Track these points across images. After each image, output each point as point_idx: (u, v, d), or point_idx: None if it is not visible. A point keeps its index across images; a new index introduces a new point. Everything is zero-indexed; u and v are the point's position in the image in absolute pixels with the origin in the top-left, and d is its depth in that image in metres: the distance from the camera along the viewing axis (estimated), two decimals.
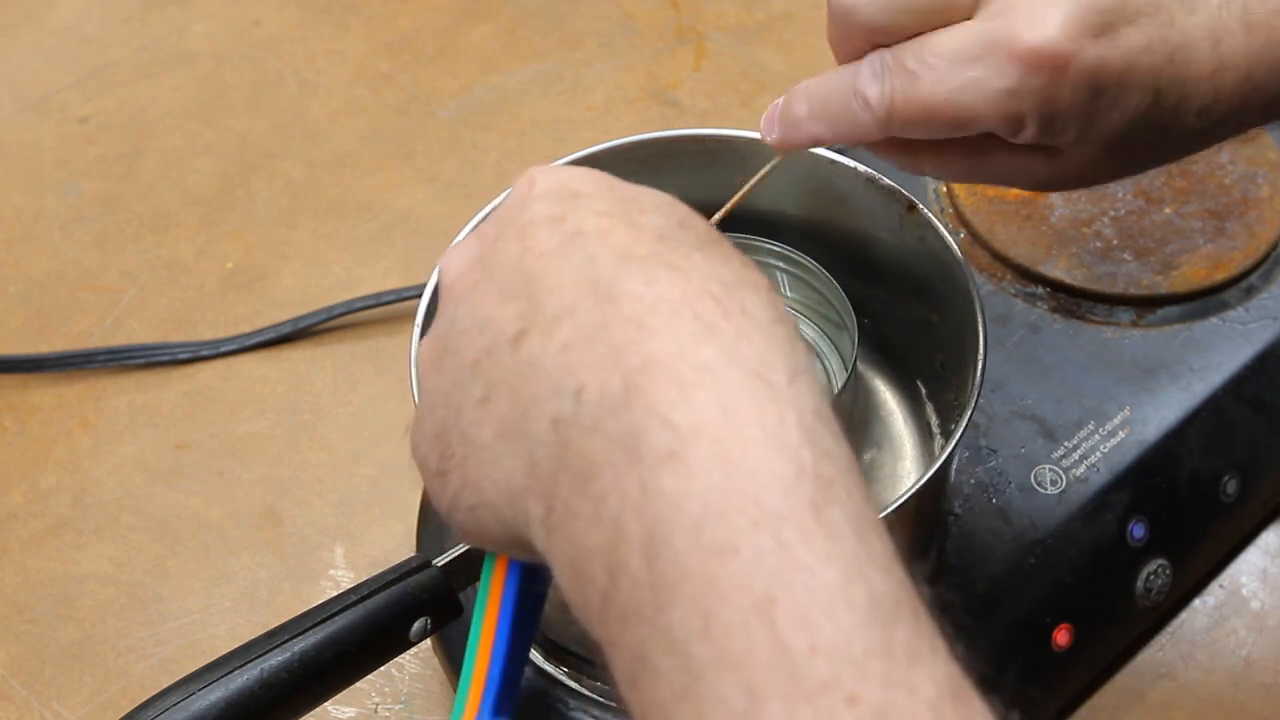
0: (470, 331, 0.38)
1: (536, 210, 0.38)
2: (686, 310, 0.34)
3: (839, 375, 0.67)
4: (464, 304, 0.38)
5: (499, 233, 0.39)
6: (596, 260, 0.36)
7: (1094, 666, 0.68)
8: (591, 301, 0.35)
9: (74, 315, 0.89)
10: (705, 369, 0.33)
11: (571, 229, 0.37)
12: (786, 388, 0.33)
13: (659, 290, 0.35)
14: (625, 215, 0.37)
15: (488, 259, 0.39)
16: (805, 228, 0.66)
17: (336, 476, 0.80)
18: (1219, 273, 0.73)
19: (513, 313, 0.36)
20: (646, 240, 0.36)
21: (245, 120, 1.01)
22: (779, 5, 1.07)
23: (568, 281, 0.36)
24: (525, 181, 0.40)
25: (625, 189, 0.39)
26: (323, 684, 0.48)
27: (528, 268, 0.37)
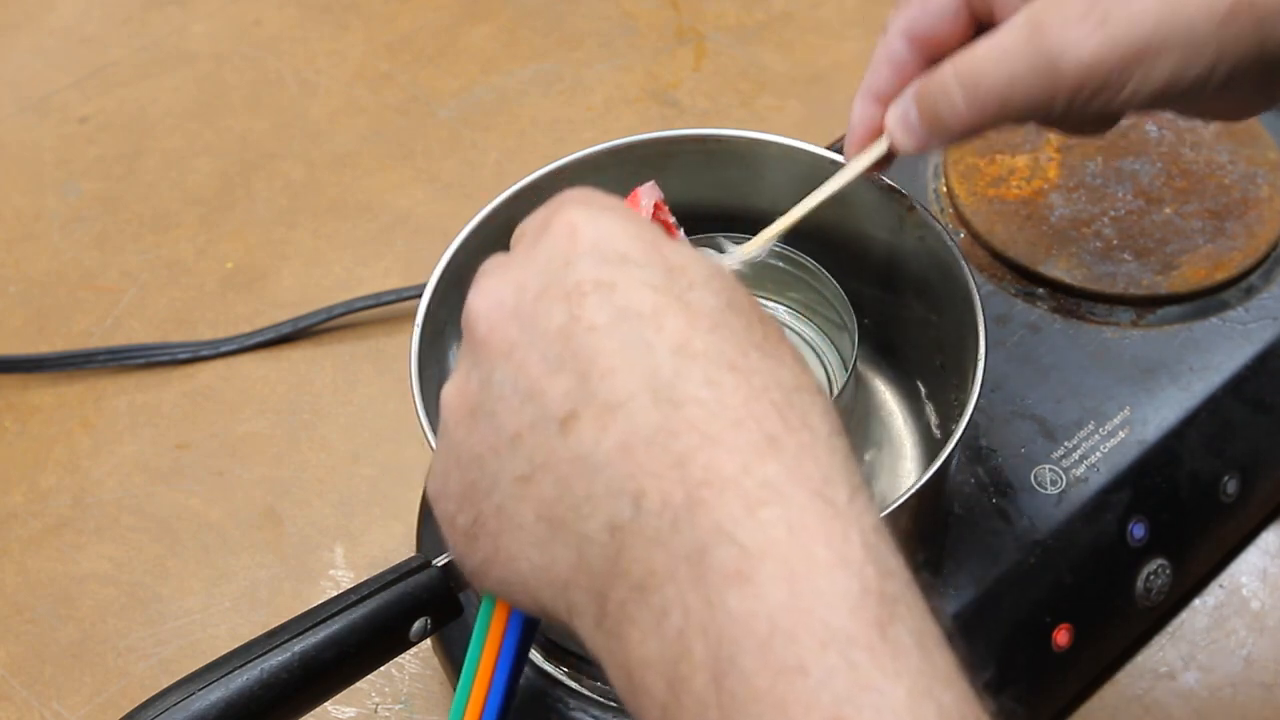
0: (510, 399, 0.36)
1: (584, 272, 0.36)
2: (750, 421, 0.34)
3: (839, 375, 0.67)
4: (502, 365, 0.37)
5: (541, 289, 0.37)
6: (653, 350, 0.35)
7: (1094, 666, 0.68)
8: (649, 399, 0.34)
9: (74, 315, 0.89)
10: (770, 487, 0.33)
11: (622, 304, 0.35)
12: (848, 506, 0.33)
13: (721, 396, 0.34)
14: (677, 293, 0.36)
15: (528, 318, 0.37)
16: (805, 228, 0.66)
17: (336, 476, 0.80)
18: (1219, 273, 0.73)
19: (561, 389, 0.35)
20: (701, 329, 0.35)
21: (245, 120, 1.01)
22: (779, 5, 1.07)
23: (622, 367, 0.35)
24: (565, 228, 0.37)
25: (673, 254, 0.37)
26: (323, 684, 0.48)
27: (576, 341, 0.35)
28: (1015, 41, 0.45)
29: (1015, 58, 0.45)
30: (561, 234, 0.37)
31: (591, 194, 0.40)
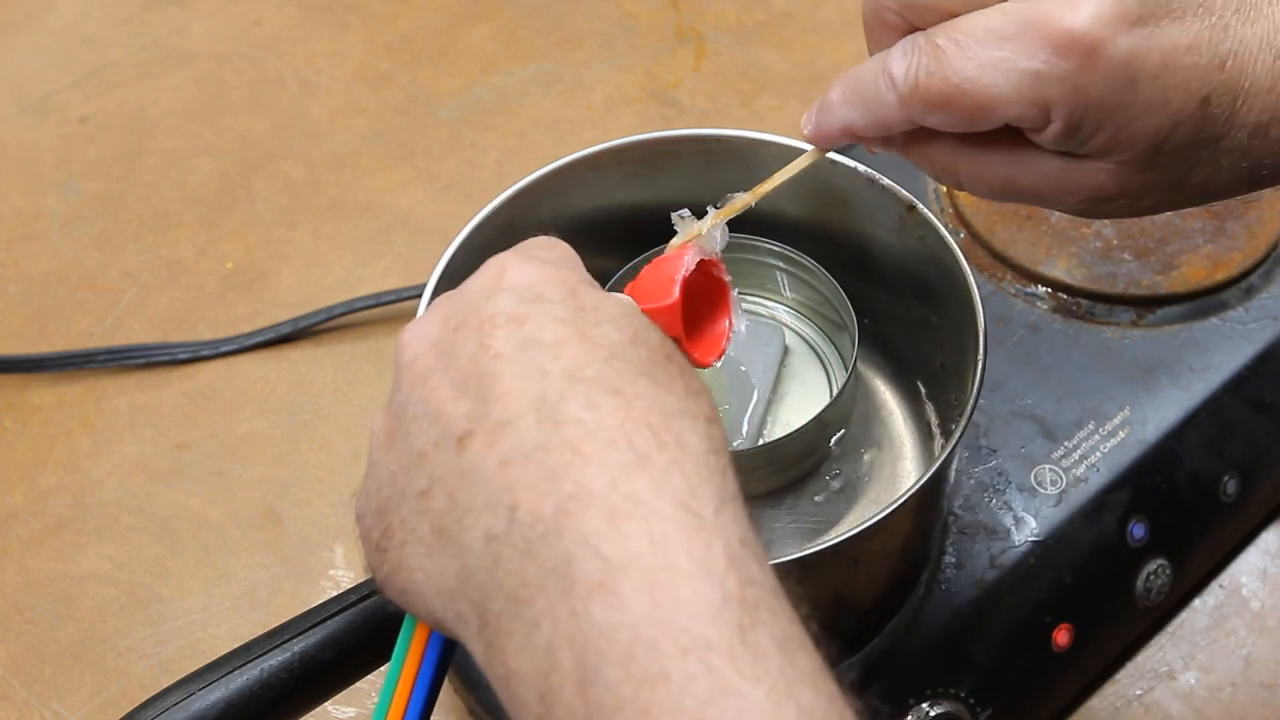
0: (421, 420, 0.39)
1: (500, 306, 0.39)
2: (623, 440, 0.35)
3: (839, 375, 0.67)
4: (418, 389, 0.39)
5: (461, 321, 0.39)
6: (546, 375, 0.37)
7: (1094, 666, 0.68)
8: (535, 419, 0.36)
9: (74, 315, 0.89)
10: (635, 500, 0.34)
11: (528, 335, 0.38)
12: (714, 518, 0.34)
13: (600, 416, 0.36)
14: (581, 326, 0.38)
15: (446, 347, 0.39)
16: (805, 228, 0.66)
17: (336, 476, 0.80)
18: (1219, 273, 0.73)
19: (463, 411, 0.37)
20: (597, 359, 0.37)
21: (245, 120, 1.01)
22: (779, 5, 1.07)
23: (517, 390, 0.37)
24: (495, 269, 0.40)
25: (587, 295, 0.40)
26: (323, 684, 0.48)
27: (482, 367, 0.38)
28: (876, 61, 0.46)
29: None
30: (490, 273, 0.40)
31: (539, 242, 0.43)
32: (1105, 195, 0.46)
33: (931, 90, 0.44)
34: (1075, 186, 0.46)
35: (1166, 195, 0.46)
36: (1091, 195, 0.46)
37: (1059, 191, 0.46)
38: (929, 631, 0.63)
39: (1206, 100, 0.43)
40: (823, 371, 0.68)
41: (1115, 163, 0.44)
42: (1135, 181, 0.45)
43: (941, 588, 0.64)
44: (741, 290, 0.71)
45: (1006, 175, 0.47)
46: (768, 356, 0.67)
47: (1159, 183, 0.45)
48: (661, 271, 0.54)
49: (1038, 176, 0.46)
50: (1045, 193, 0.47)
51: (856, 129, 0.48)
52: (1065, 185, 0.46)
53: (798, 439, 0.61)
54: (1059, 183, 0.46)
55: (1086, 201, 0.46)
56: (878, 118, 0.47)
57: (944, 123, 0.45)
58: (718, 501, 0.35)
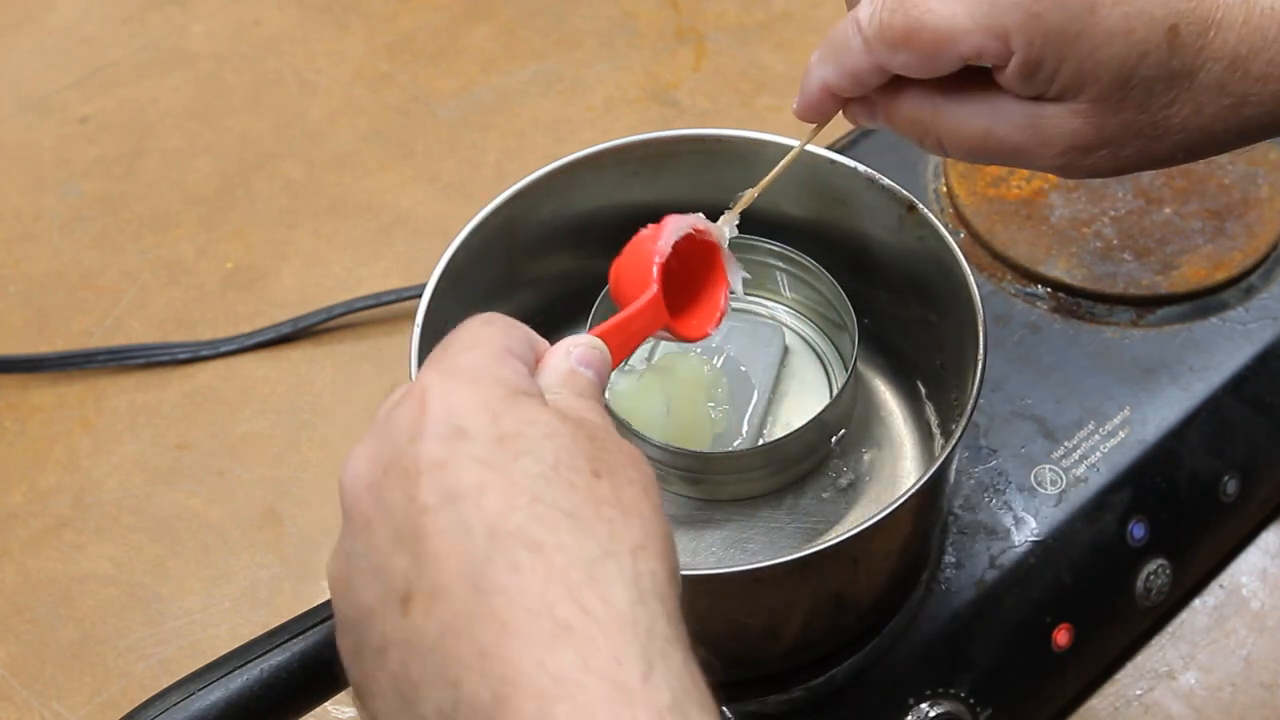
0: (366, 573, 0.39)
1: (422, 450, 0.39)
2: (545, 609, 0.35)
3: (839, 375, 0.67)
4: (361, 538, 0.40)
5: (388, 464, 0.40)
6: (470, 533, 0.37)
7: (1094, 666, 0.68)
8: (465, 587, 0.36)
9: (74, 315, 0.89)
10: (562, 680, 0.34)
11: (450, 484, 0.38)
12: (641, 686, 0.34)
13: (522, 580, 0.36)
14: (501, 465, 0.38)
15: (378, 493, 0.40)
16: (805, 228, 0.66)
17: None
18: (1219, 273, 0.73)
19: (401, 568, 0.38)
20: (519, 505, 0.37)
21: (245, 120, 1.01)
22: (779, 5, 1.07)
23: (445, 551, 0.37)
24: (417, 398, 0.40)
25: (508, 419, 0.39)
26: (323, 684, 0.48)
27: (412, 521, 0.38)
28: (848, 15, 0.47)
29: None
30: (412, 404, 0.40)
31: (464, 340, 0.43)
32: (1083, 144, 0.45)
33: (894, 28, 0.45)
34: (1052, 135, 0.46)
35: (1149, 143, 0.46)
36: (1069, 145, 0.45)
37: (1036, 144, 0.46)
38: (929, 631, 0.63)
39: (1174, 29, 0.43)
40: (823, 371, 0.68)
41: (1086, 102, 0.44)
42: (1111, 124, 0.45)
43: (941, 588, 0.64)
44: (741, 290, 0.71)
45: (983, 128, 0.47)
46: (768, 356, 0.67)
47: (1137, 126, 0.45)
48: (641, 254, 0.54)
49: (1013, 126, 0.46)
50: (1023, 146, 0.46)
51: (831, 84, 0.48)
52: (1041, 135, 0.46)
53: (798, 439, 0.61)
54: (1035, 133, 0.46)
55: (1066, 154, 0.46)
56: (848, 67, 0.47)
57: (908, 64, 0.45)
58: (645, 665, 0.35)
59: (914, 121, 0.49)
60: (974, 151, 0.48)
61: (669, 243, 0.53)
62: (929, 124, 0.48)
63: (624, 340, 0.50)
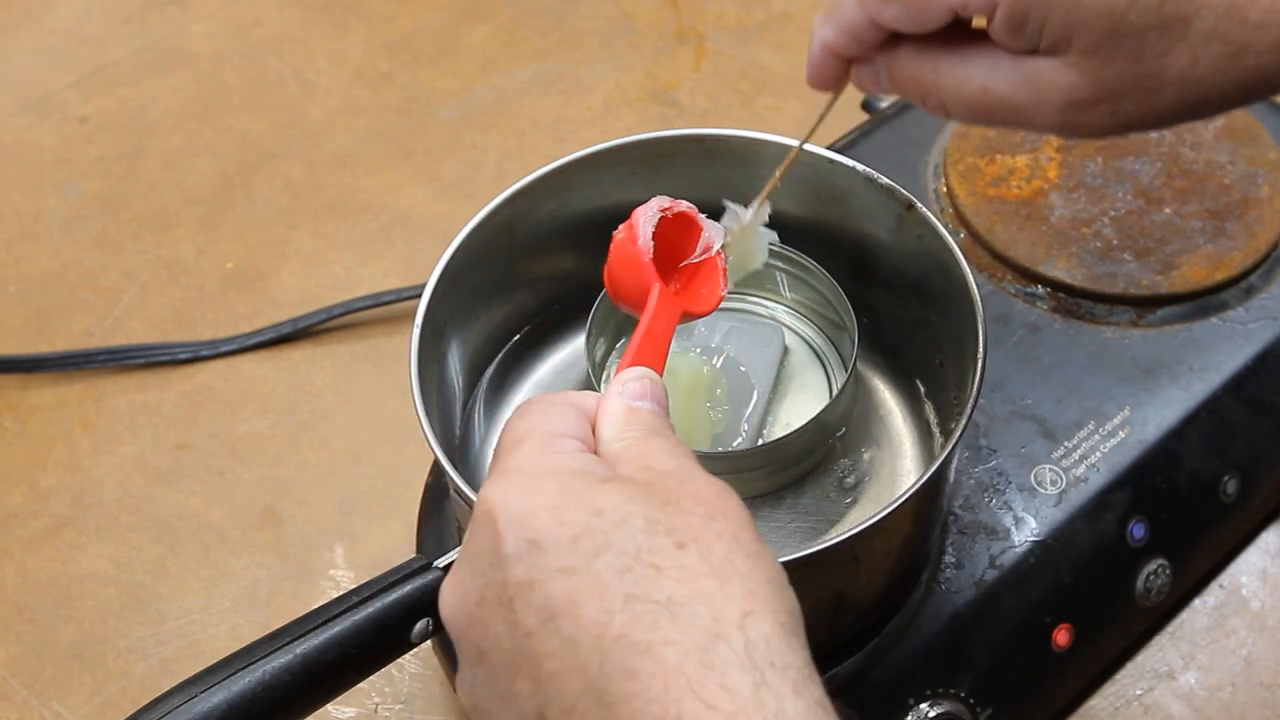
0: (495, 700, 0.40)
1: (507, 574, 0.39)
2: (671, 710, 0.35)
3: (839, 375, 0.67)
4: (480, 668, 0.40)
5: (480, 595, 0.40)
6: (578, 647, 0.37)
7: (1094, 666, 0.68)
8: (590, 701, 0.36)
9: (74, 315, 0.89)
10: None
11: (543, 602, 0.38)
12: None
13: (641, 686, 0.36)
14: (585, 569, 0.38)
15: (480, 626, 0.40)
16: (805, 227, 0.66)
17: (336, 476, 0.80)
18: (1219, 273, 0.73)
19: (525, 692, 0.38)
20: (614, 605, 0.37)
21: (245, 120, 1.01)
22: (779, 5, 1.07)
23: (560, 670, 0.37)
24: (485, 518, 0.40)
25: (576, 515, 0.39)
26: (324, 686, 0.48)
27: (520, 647, 0.38)
28: None
29: None
30: (483, 527, 0.40)
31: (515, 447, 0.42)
32: (1081, 99, 0.45)
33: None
34: (1048, 91, 0.45)
35: (1148, 96, 0.45)
36: (1067, 100, 0.45)
37: (1035, 100, 0.46)
38: (929, 631, 0.63)
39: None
40: (822, 371, 0.68)
41: (1078, 54, 0.44)
42: (1107, 76, 0.45)
43: (941, 588, 0.64)
44: (741, 290, 0.71)
45: (980, 85, 0.47)
46: (768, 356, 0.67)
47: (1133, 77, 0.45)
48: (626, 258, 0.54)
49: (1009, 83, 0.46)
50: (1021, 103, 0.47)
51: (831, 43, 0.49)
52: (1038, 90, 0.46)
53: (798, 439, 0.61)
54: (1032, 89, 0.46)
55: (1065, 110, 0.46)
56: (844, 24, 0.48)
57: (898, 16, 0.46)
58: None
59: (915, 80, 0.49)
60: (975, 110, 0.48)
61: (647, 237, 0.53)
62: (930, 84, 0.48)
63: (656, 349, 0.50)
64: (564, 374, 0.70)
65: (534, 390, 0.70)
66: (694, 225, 0.57)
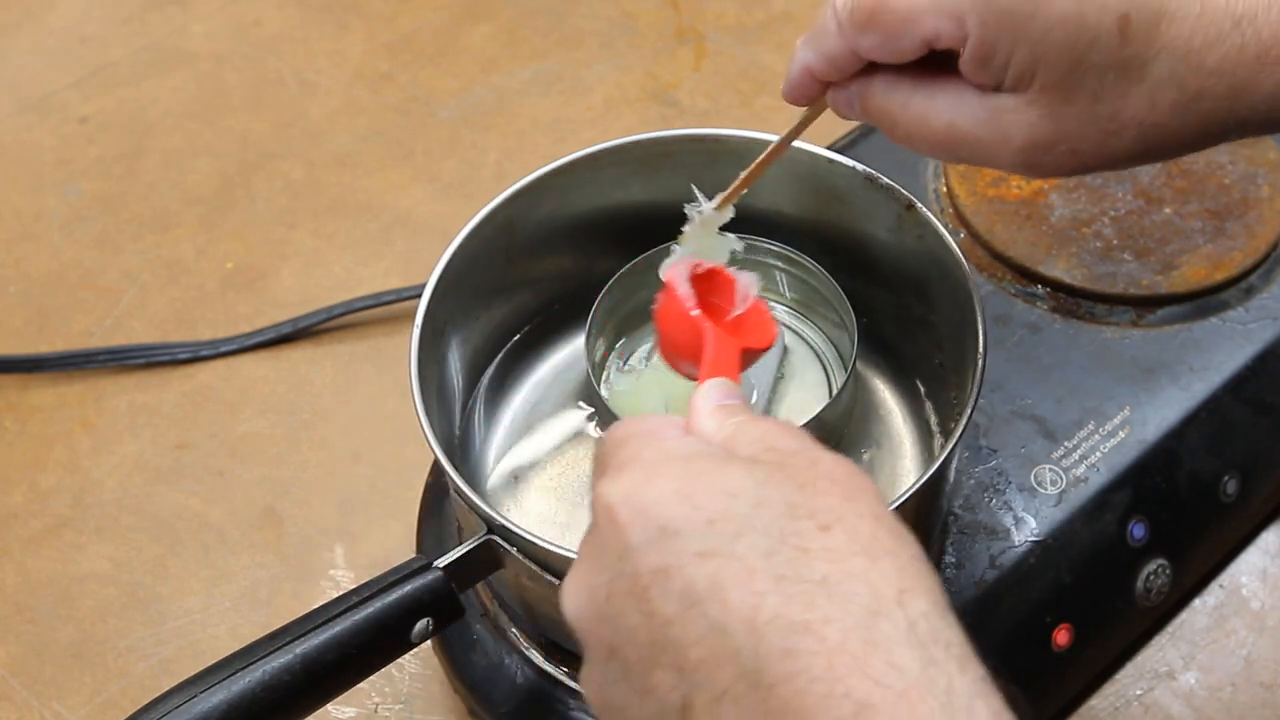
0: (631, 696, 0.38)
1: (638, 563, 0.37)
2: (838, 688, 0.34)
3: (838, 375, 0.67)
4: (611, 666, 0.38)
5: (609, 590, 0.38)
6: (727, 631, 0.35)
7: (1094, 666, 0.68)
8: (745, 686, 0.35)
9: (74, 315, 0.89)
10: None
11: (683, 588, 0.36)
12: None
13: (802, 665, 0.34)
14: (726, 552, 0.36)
15: (610, 620, 0.38)
16: (804, 227, 0.66)
17: (336, 476, 0.80)
18: (1219, 273, 0.73)
19: (667, 683, 0.36)
20: (765, 590, 0.36)
21: (245, 120, 1.01)
22: (779, 5, 1.07)
23: (708, 656, 0.35)
24: (605, 516, 0.39)
25: (708, 497, 0.38)
26: (324, 686, 0.48)
27: (658, 638, 0.37)
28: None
29: None
30: (605, 524, 0.39)
31: (623, 445, 0.41)
32: (1042, 139, 0.46)
33: (862, 9, 0.46)
34: (1010, 129, 0.46)
35: (1107, 138, 0.46)
36: (1028, 139, 0.46)
37: (996, 139, 0.47)
38: None
39: (1126, 19, 0.43)
40: (822, 371, 0.68)
41: (1039, 91, 0.45)
42: (1066, 115, 0.45)
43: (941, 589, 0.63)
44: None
45: (946, 121, 0.48)
46: (767, 356, 0.67)
47: (1092, 118, 0.45)
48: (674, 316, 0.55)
49: (974, 120, 0.47)
50: (984, 140, 0.47)
51: (811, 66, 0.50)
52: (1000, 128, 0.46)
53: None
54: (995, 126, 0.46)
55: (1025, 150, 0.46)
56: (824, 50, 0.49)
57: (874, 46, 0.47)
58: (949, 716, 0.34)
59: (884, 111, 0.50)
60: (939, 146, 0.49)
61: (688, 290, 0.55)
62: (898, 115, 0.49)
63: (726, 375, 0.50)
64: (564, 374, 0.70)
65: (534, 390, 0.70)
66: (726, 280, 0.58)
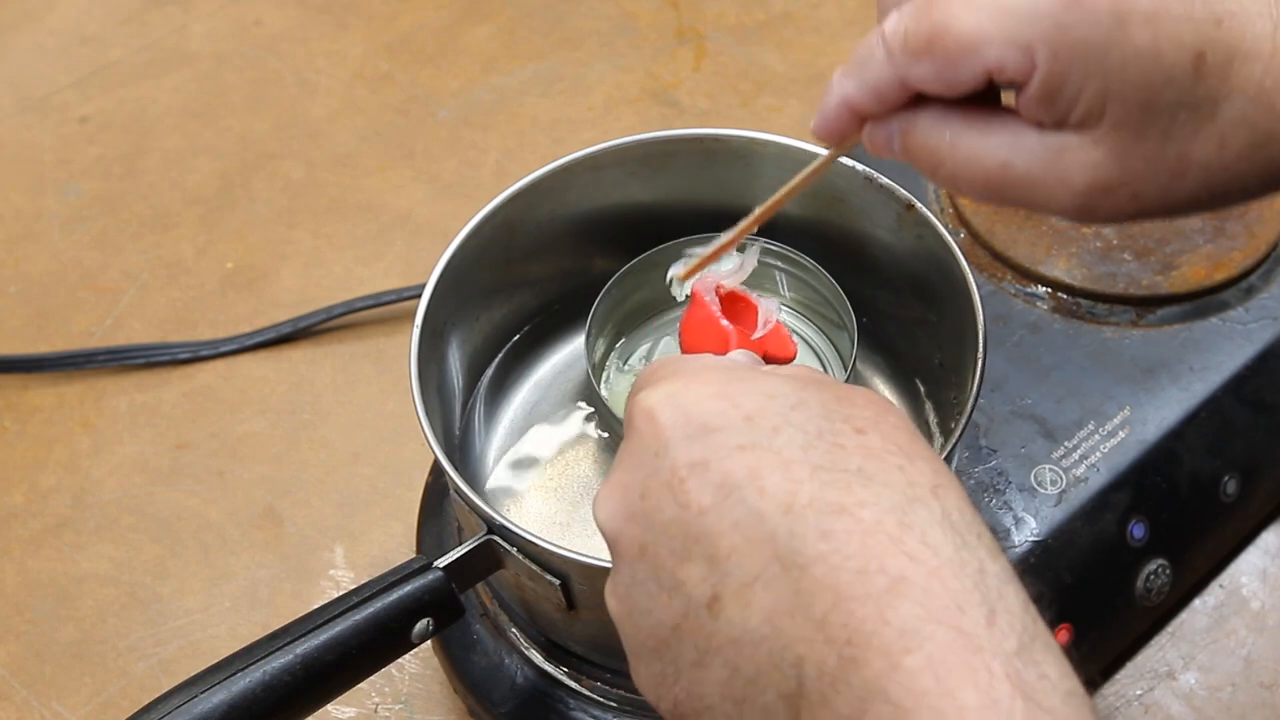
0: (659, 596, 0.38)
1: (675, 456, 0.38)
2: (873, 564, 0.34)
3: (838, 375, 0.67)
4: (639, 565, 0.39)
5: (644, 487, 0.39)
6: (763, 516, 0.36)
7: (1094, 666, 0.68)
8: (778, 568, 0.35)
9: (74, 315, 0.89)
10: (908, 632, 0.33)
11: (721, 478, 0.37)
12: (987, 634, 0.34)
13: (838, 545, 0.35)
14: (765, 444, 0.37)
15: (643, 517, 0.38)
16: (804, 227, 0.66)
17: (336, 476, 0.80)
18: (1219, 273, 0.73)
19: (697, 576, 0.37)
20: (802, 478, 0.36)
21: (245, 120, 1.01)
22: (779, 5, 1.07)
23: (742, 542, 0.36)
24: (645, 418, 0.39)
25: (746, 398, 0.38)
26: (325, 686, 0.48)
27: (692, 528, 0.37)
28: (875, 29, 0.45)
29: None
30: (644, 426, 0.39)
31: (663, 365, 0.42)
32: (1105, 180, 0.43)
33: (919, 35, 0.43)
34: (1072, 169, 0.43)
35: (1172, 180, 0.44)
36: (1091, 180, 0.43)
37: (1056, 179, 0.44)
38: None
39: (1201, 56, 0.41)
40: (822, 371, 0.68)
41: (1108, 128, 0.42)
42: (1134, 155, 0.43)
43: None
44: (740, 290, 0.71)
45: (1001, 160, 0.44)
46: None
47: (1160, 159, 0.43)
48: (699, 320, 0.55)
49: (1032, 159, 0.44)
50: (1041, 181, 0.44)
51: (852, 99, 0.46)
52: (1062, 169, 0.43)
53: None
54: (1055, 166, 0.43)
55: (1088, 192, 0.44)
56: (870, 80, 0.45)
57: (928, 75, 0.43)
58: (986, 611, 0.34)
59: (929, 150, 0.46)
60: (989, 186, 0.46)
61: (716, 302, 0.56)
62: (946, 154, 0.46)
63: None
64: (564, 374, 0.70)
65: (534, 390, 0.70)
66: (748, 304, 0.58)
